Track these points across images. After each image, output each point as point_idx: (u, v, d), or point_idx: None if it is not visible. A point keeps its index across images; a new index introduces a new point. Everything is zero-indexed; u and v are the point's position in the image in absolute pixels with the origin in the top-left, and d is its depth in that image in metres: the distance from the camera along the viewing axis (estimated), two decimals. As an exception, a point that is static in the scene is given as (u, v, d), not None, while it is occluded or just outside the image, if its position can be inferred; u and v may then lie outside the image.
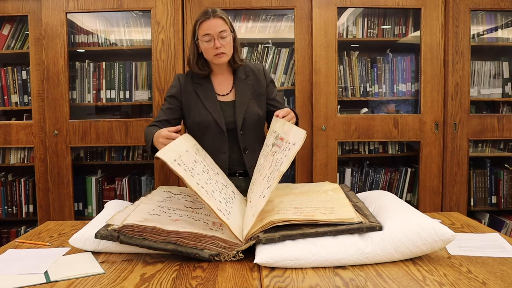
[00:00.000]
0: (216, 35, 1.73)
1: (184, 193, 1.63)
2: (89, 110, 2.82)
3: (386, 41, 2.78)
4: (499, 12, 2.76)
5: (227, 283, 1.12)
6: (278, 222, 1.27)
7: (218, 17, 1.74)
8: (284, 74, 2.72)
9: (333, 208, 1.36)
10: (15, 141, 2.63)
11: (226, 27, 1.75)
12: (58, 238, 1.54)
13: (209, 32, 1.73)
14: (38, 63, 2.58)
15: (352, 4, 2.60)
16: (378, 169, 2.81)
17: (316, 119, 2.59)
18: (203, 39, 1.75)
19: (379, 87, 2.76)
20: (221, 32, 1.73)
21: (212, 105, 1.80)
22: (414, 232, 1.22)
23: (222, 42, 1.74)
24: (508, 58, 2.80)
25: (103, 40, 2.71)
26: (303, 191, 1.60)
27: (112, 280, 1.15)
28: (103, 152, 2.78)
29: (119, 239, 1.28)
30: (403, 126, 2.63)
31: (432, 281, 1.09)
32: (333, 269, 1.19)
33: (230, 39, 1.78)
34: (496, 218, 2.81)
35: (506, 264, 1.20)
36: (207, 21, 1.73)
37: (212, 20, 1.73)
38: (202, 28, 1.74)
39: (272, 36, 2.76)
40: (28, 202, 2.74)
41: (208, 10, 1.76)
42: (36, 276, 1.17)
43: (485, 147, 2.81)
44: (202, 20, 1.75)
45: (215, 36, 1.73)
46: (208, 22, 1.73)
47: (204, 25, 1.74)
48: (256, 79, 1.88)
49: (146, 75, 2.71)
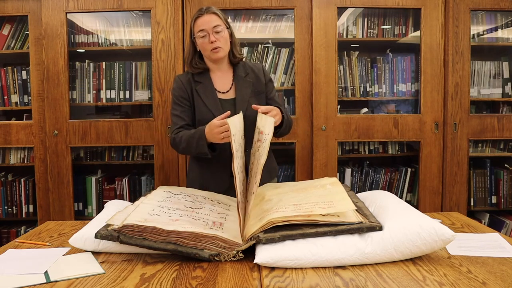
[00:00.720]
0: (210, 30, 1.76)
1: (184, 193, 1.63)
2: (89, 110, 2.82)
3: (386, 41, 2.78)
4: (499, 12, 2.76)
5: (227, 283, 1.12)
6: (278, 222, 1.27)
7: (211, 12, 1.78)
8: (284, 74, 2.72)
9: (332, 202, 1.36)
10: (15, 141, 2.63)
11: (220, 22, 1.79)
12: (58, 238, 1.54)
13: (204, 27, 1.76)
14: (38, 63, 2.58)
15: (352, 4, 2.60)
16: (378, 169, 2.81)
17: (316, 119, 2.59)
18: (198, 35, 1.79)
19: (379, 87, 2.76)
20: (215, 27, 1.76)
21: (213, 102, 1.81)
22: (414, 232, 1.22)
23: (217, 36, 1.77)
24: (508, 58, 2.80)
25: (103, 40, 2.71)
26: (301, 187, 1.60)
27: (112, 280, 1.15)
28: (103, 152, 2.78)
29: (119, 239, 1.28)
30: (403, 126, 2.63)
31: (432, 281, 1.09)
32: (333, 269, 1.19)
33: (226, 34, 1.80)
34: (496, 218, 2.81)
35: (506, 264, 1.20)
36: (201, 17, 1.78)
37: (206, 16, 1.77)
38: (197, 24, 1.79)
39: (272, 36, 2.76)
40: (28, 202, 2.74)
41: (202, 7, 1.81)
42: (36, 276, 1.17)
43: (485, 147, 2.81)
44: (196, 17, 1.80)
45: (209, 31, 1.76)
46: (202, 18, 1.78)
47: (199, 21, 1.78)
48: (256, 77, 1.89)
49: (146, 75, 2.71)
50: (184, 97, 1.84)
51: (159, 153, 2.59)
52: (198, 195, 1.63)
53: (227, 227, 1.36)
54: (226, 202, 1.62)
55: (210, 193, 1.68)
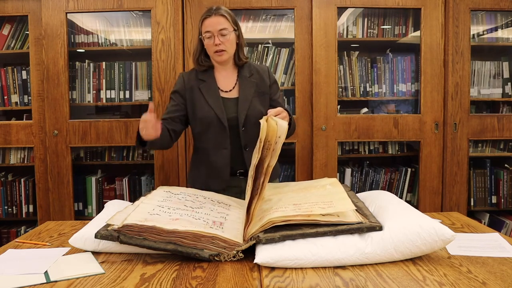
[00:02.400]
0: (216, 32, 1.76)
1: (184, 192, 1.63)
2: (89, 110, 2.82)
3: (386, 41, 2.78)
4: (499, 12, 2.76)
5: (227, 283, 1.12)
6: (278, 222, 1.27)
7: (220, 15, 1.78)
8: (284, 74, 2.72)
9: (332, 202, 1.36)
10: (15, 141, 2.63)
11: (228, 25, 1.78)
12: (58, 238, 1.54)
13: (210, 29, 1.77)
14: (38, 63, 2.58)
15: (352, 4, 2.60)
16: (378, 169, 2.81)
17: (316, 119, 2.59)
18: (204, 35, 1.79)
19: (379, 87, 2.76)
20: (221, 30, 1.76)
21: (215, 101, 1.82)
22: (414, 232, 1.22)
23: (221, 39, 1.77)
24: (508, 58, 2.80)
25: (103, 40, 2.71)
26: (301, 187, 1.60)
27: (112, 280, 1.15)
28: (103, 152, 2.78)
29: (119, 239, 1.28)
30: (403, 126, 2.63)
31: (432, 281, 1.09)
32: (333, 269, 1.19)
33: (232, 37, 1.80)
34: (496, 218, 2.81)
35: (506, 264, 1.20)
36: (209, 19, 1.78)
37: (214, 17, 1.77)
38: (204, 25, 1.79)
39: (272, 36, 2.76)
40: (28, 202, 2.74)
41: (212, 7, 1.80)
42: (36, 276, 1.17)
43: (485, 147, 2.81)
44: (204, 17, 1.80)
45: (215, 34, 1.76)
46: (209, 19, 1.78)
47: (206, 22, 1.78)
48: (260, 78, 1.89)
49: (146, 75, 2.71)
50: (179, 93, 1.87)
51: (159, 153, 2.59)
52: (198, 195, 1.63)
53: (227, 227, 1.36)
54: (226, 202, 1.62)
55: (210, 193, 1.68)
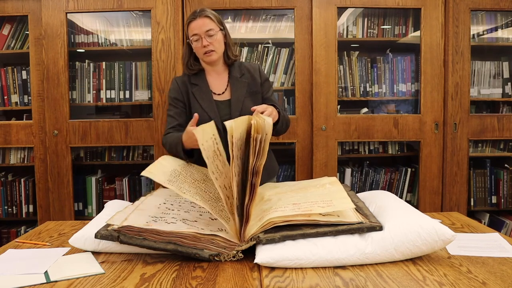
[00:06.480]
0: (203, 34, 1.78)
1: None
2: (89, 110, 2.82)
3: (386, 41, 2.78)
4: (499, 12, 2.76)
5: (227, 283, 1.12)
6: (278, 222, 1.27)
7: (204, 16, 1.79)
8: (284, 74, 2.72)
9: (331, 201, 1.36)
10: (15, 141, 2.63)
11: (213, 25, 1.79)
12: (58, 238, 1.54)
13: (196, 31, 1.78)
14: (38, 63, 2.58)
15: (352, 4, 2.60)
16: (378, 169, 2.81)
17: (316, 119, 2.59)
18: (192, 39, 1.81)
19: (379, 87, 2.76)
20: (208, 31, 1.78)
21: (208, 104, 1.83)
22: (414, 232, 1.21)
23: (209, 40, 1.78)
24: (508, 58, 2.80)
25: (103, 40, 2.71)
26: (301, 187, 1.60)
27: (112, 280, 1.15)
28: (103, 152, 2.78)
29: (119, 239, 1.27)
30: (403, 126, 2.63)
31: (432, 281, 1.09)
32: (333, 269, 1.19)
33: (219, 36, 1.81)
34: (496, 218, 2.81)
35: (506, 264, 1.20)
36: (194, 21, 1.79)
37: (199, 20, 1.79)
38: (190, 28, 1.81)
39: (272, 36, 2.76)
40: (28, 202, 2.74)
41: (196, 10, 1.82)
42: (36, 276, 1.17)
43: (485, 147, 2.81)
44: (189, 20, 1.81)
45: (202, 35, 1.78)
46: (195, 22, 1.79)
47: (192, 25, 1.80)
48: (251, 77, 1.90)
49: (146, 75, 2.71)
50: (178, 99, 1.87)
51: (159, 153, 2.59)
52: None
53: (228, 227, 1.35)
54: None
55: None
